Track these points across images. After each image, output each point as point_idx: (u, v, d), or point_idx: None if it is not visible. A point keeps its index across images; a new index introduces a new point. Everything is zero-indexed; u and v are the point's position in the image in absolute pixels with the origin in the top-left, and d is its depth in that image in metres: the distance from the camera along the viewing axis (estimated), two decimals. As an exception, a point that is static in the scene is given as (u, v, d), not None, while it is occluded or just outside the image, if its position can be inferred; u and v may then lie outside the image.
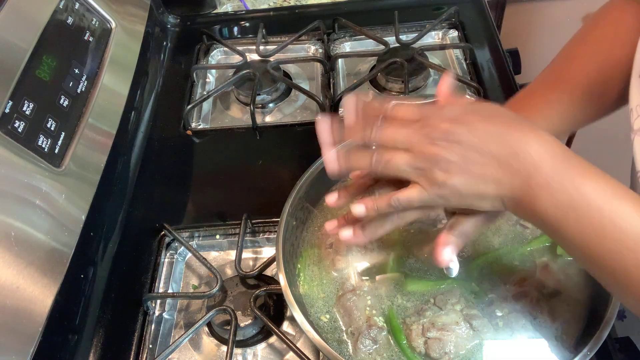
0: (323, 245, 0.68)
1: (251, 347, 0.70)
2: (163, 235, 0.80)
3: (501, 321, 0.59)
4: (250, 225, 0.80)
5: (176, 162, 0.92)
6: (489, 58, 1.01)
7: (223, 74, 1.08)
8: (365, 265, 0.66)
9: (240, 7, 1.20)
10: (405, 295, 0.63)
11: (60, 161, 0.71)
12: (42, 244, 0.64)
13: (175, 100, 1.01)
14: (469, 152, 0.46)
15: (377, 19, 1.11)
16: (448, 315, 0.60)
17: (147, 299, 0.73)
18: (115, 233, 0.81)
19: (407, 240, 0.68)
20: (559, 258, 0.64)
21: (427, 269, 0.65)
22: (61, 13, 0.79)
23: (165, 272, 0.79)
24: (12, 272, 0.59)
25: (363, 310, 0.62)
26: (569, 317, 0.60)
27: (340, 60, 1.07)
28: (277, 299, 0.73)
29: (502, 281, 0.63)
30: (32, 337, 0.59)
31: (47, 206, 0.65)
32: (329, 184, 0.74)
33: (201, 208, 0.85)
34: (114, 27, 0.90)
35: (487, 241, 0.67)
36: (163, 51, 1.10)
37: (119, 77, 0.89)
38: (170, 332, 0.74)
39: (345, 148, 0.53)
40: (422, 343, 0.59)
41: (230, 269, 0.78)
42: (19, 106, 0.66)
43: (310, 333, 0.57)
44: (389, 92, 1.00)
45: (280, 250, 0.63)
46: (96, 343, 0.71)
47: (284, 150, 0.92)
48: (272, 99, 1.01)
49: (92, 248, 0.75)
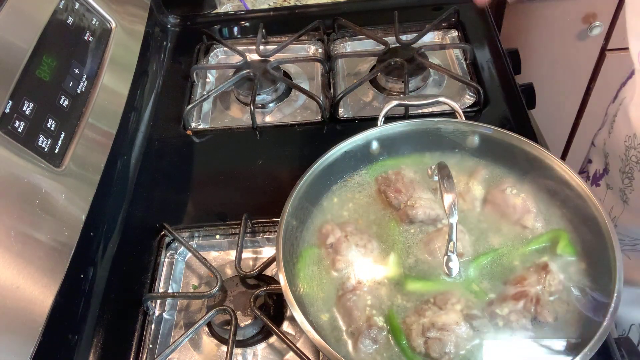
0: (323, 245, 0.68)
1: (251, 347, 0.70)
2: (163, 235, 0.80)
3: (501, 321, 0.59)
4: (250, 225, 0.80)
5: (176, 162, 0.92)
6: (489, 58, 1.01)
7: (223, 74, 1.08)
8: (365, 265, 0.66)
9: (240, 7, 1.20)
10: (405, 295, 0.63)
11: (60, 161, 0.71)
12: (42, 244, 0.64)
13: (175, 100, 1.01)
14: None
15: (377, 19, 1.11)
16: (448, 315, 0.60)
17: (147, 299, 0.73)
18: (115, 233, 0.81)
19: (407, 240, 0.68)
20: (559, 258, 0.64)
21: (427, 269, 0.65)
22: (61, 13, 0.79)
23: (165, 272, 0.79)
24: (12, 272, 0.59)
25: (363, 310, 0.62)
26: (569, 317, 0.60)
27: (340, 60, 1.07)
28: (277, 299, 0.73)
29: (502, 281, 0.63)
30: (32, 337, 0.59)
31: (47, 206, 0.66)
32: (329, 184, 0.74)
33: (201, 208, 0.85)
34: (114, 27, 0.90)
35: (487, 241, 0.67)
36: (163, 51, 1.10)
37: (119, 77, 0.89)
38: (170, 332, 0.74)
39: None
40: (422, 343, 0.59)
41: (230, 269, 0.78)
42: (19, 106, 0.66)
43: (310, 333, 0.57)
44: (389, 92, 1.00)
45: (280, 250, 0.63)
46: (96, 343, 0.71)
47: (284, 150, 0.92)
48: (272, 99, 1.01)
49: (92, 248, 0.75)
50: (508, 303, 0.60)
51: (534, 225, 0.67)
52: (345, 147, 0.73)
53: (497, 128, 0.73)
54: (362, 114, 0.98)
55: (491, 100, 0.93)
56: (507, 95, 0.95)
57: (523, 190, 0.70)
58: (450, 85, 1.00)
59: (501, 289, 0.62)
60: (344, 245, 0.67)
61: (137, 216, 0.84)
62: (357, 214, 0.72)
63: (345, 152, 0.73)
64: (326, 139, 0.90)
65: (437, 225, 0.68)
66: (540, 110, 1.01)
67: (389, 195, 0.71)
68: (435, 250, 0.65)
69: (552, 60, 1.44)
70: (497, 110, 0.92)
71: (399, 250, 0.67)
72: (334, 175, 0.74)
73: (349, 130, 0.76)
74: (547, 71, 1.47)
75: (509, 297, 0.61)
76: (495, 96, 0.94)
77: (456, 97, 0.97)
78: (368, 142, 0.75)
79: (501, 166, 0.73)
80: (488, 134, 0.73)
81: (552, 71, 1.48)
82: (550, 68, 1.47)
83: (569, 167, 0.67)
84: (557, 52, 1.43)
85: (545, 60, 1.43)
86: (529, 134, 0.84)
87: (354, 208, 0.73)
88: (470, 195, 0.71)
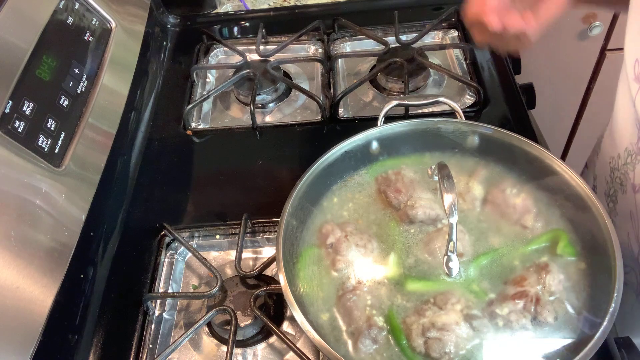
0: (323, 245, 0.68)
1: (251, 347, 0.70)
2: (163, 235, 0.80)
3: (501, 321, 0.59)
4: (250, 225, 0.80)
5: (176, 162, 0.92)
6: (489, 58, 1.01)
7: (223, 74, 1.08)
8: (365, 265, 0.66)
9: (240, 7, 1.20)
10: (405, 295, 0.63)
11: (60, 161, 0.71)
12: (42, 244, 0.64)
13: (175, 100, 1.01)
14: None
15: (377, 19, 1.11)
16: (448, 315, 0.60)
17: (147, 299, 0.73)
18: (115, 233, 0.81)
19: (407, 240, 0.68)
20: (559, 258, 0.64)
21: (427, 269, 0.65)
22: (61, 13, 0.79)
23: (165, 272, 0.79)
24: (12, 272, 0.59)
25: (363, 310, 0.62)
26: (569, 317, 0.60)
27: (340, 60, 1.07)
28: (277, 299, 0.73)
29: (502, 281, 0.63)
30: (32, 337, 0.59)
31: (47, 206, 0.66)
32: (329, 184, 0.74)
33: (201, 208, 0.85)
34: (114, 27, 0.90)
35: (487, 241, 0.67)
36: (163, 51, 1.10)
37: (119, 77, 0.89)
38: (170, 332, 0.74)
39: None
40: (422, 343, 0.59)
41: (230, 269, 0.78)
42: (19, 106, 0.66)
43: (310, 333, 0.57)
44: (389, 92, 1.00)
45: (280, 250, 0.63)
46: (96, 343, 0.70)
47: (284, 150, 0.92)
48: (272, 99, 1.01)
49: (92, 248, 0.75)
50: (508, 303, 0.60)
51: (534, 225, 0.67)
52: (345, 147, 0.73)
53: (497, 128, 0.73)
54: (362, 114, 0.98)
55: (491, 100, 0.93)
56: (507, 95, 0.95)
57: (523, 190, 0.70)
58: (450, 85, 1.00)
59: (501, 289, 0.62)
60: (344, 245, 0.67)
61: (137, 216, 0.84)
62: (357, 214, 0.72)
63: (345, 152, 0.73)
64: (326, 139, 0.90)
65: (437, 225, 0.68)
66: (540, 110, 1.01)
67: (389, 195, 0.71)
68: (435, 250, 0.65)
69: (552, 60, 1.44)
70: (497, 110, 0.92)
71: (399, 250, 0.67)
72: (334, 175, 0.74)
73: (349, 130, 0.76)
74: (547, 71, 1.47)
75: (509, 297, 0.61)
76: (495, 96, 0.94)
77: (456, 97, 0.97)
78: (368, 142, 0.75)
79: (501, 166, 0.73)
80: (488, 134, 0.73)
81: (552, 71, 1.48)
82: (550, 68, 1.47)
83: (569, 167, 0.67)
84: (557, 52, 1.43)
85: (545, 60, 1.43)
86: (529, 134, 0.84)
87: (354, 208, 0.72)
88: (470, 195, 0.71)
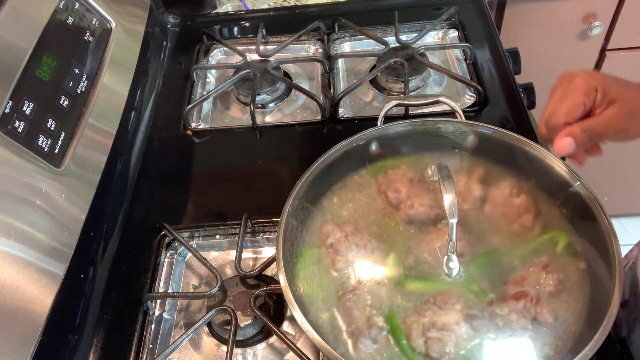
0: (323, 245, 0.68)
1: (251, 347, 0.70)
2: (163, 235, 0.80)
3: (501, 321, 0.59)
4: (250, 225, 0.80)
5: (176, 162, 0.92)
6: (489, 58, 1.01)
7: (223, 74, 1.08)
8: (365, 265, 0.66)
9: (240, 7, 1.20)
10: (405, 295, 0.63)
11: (60, 161, 0.71)
12: (42, 244, 0.64)
13: (175, 100, 1.01)
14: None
15: (377, 19, 1.11)
16: (448, 315, 0.60)
17: (147, 299, 0.73)
18: (115, 233, 0.81)
19: (407, 240, 0.68)
20: (559, 258, 0.64)
21: (427, 269, 0.65)
22: (61, 13, 0.79)
23: (165, 272, 0.79)
24: (12, 272, 0.59)
25: (363, 310, 0.62)
26: (569, 317, 0.60)
27: (340, 60, 1.07)
28: (277, 299, 0.73)
29: (502, 281, 0.63)
30: (32, 337, 0.59)
31: (47, 206, 0.66)
32: (329, 184, 0.74)
33: (201, 208, 0.85)
34: (114, 27, 0.90)
35: (487, 241, 0.67)
36: (163, 51, 1.10)
37: (119, 77, 0.89)
38: (170, 332, 0.74)
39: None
40: (422, 343, 0.59)
41: (230, 269, 0.78)
42: (19, 106, 0.66)
43: (310, 333, 0.57)
44: (389, 92, 1.00)
45: (280, 250, 0.63)
46: (96, 343, 0.70)
47: (284, 150, 0.92)
48: (272, 99, 1.01)
49: (92, 248, 0.75)
50: (508, 303, 0.60)
51: (534, 225, 0.67)
52: (345, 147, 0.73)
53: (497, 128, 0.73)
54: (362, 114, 0.98)
55: (491, 100, 0.93)
56: (507, 95, 0.95)
57: (523, 190, 0.70)
58: (450, 85, 1.00)
59: (501, 289, 0.62)
60: (344, 245, 0.67)
61: (137, 216, 0.84)
62: (357, 214, 0.72)
63: (345, 152, 0.73)
64: (326, 139, 0.90)
65: (437, 225, 0.68)
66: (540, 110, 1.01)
67: (389, 195, 0.71)
68: (435, 250, 0.65)
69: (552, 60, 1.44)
70: (497, 110, 0.92)
71: (398, 250, 0.67)
72: (334, 175, 0.74)
73: (349, 130, 0.76)
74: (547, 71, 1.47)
75: (509, 297, 0.61)
76: (495, 96, 0.94)
77: (456, 97, 0.98)
78: (368, 142, 0.75)
79: (501, 166, 0.73)
80: (488, 134, 0.73)
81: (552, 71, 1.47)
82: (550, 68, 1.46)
83: (569, 167, 0.67)
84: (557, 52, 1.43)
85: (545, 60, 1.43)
86: (529, 134, 0.84)
87: (354, 208, 0.72)
88: (470, 195, 0.71)
